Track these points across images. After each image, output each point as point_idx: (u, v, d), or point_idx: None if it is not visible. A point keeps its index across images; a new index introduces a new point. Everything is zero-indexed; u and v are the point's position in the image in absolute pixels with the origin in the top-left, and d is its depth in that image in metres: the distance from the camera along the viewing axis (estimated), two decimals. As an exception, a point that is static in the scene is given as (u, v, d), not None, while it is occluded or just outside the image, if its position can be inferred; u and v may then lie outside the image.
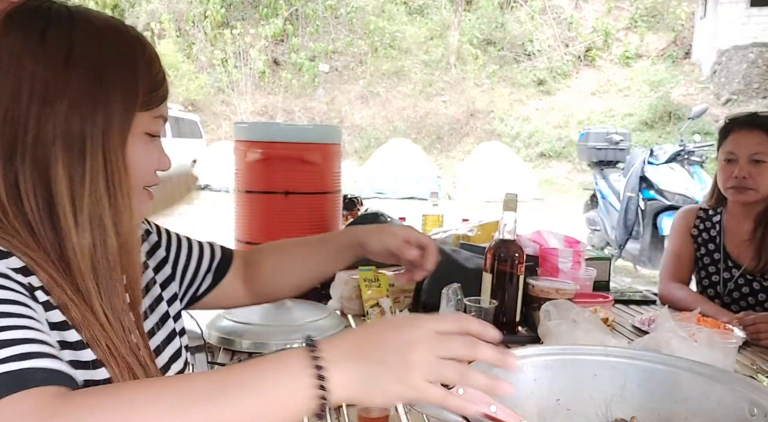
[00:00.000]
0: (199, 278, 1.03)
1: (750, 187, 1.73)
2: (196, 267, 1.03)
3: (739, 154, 1.74)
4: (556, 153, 14.11)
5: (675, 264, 1.92)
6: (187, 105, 15.68)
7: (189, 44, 17.55)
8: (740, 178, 1.74)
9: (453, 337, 0.61)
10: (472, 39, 17.08)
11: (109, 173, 0.71)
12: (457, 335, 0.61)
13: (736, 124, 1.80)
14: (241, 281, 1.08)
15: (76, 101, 0.69)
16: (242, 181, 1.90)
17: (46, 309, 0.65)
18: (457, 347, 0.60)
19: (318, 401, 0.57)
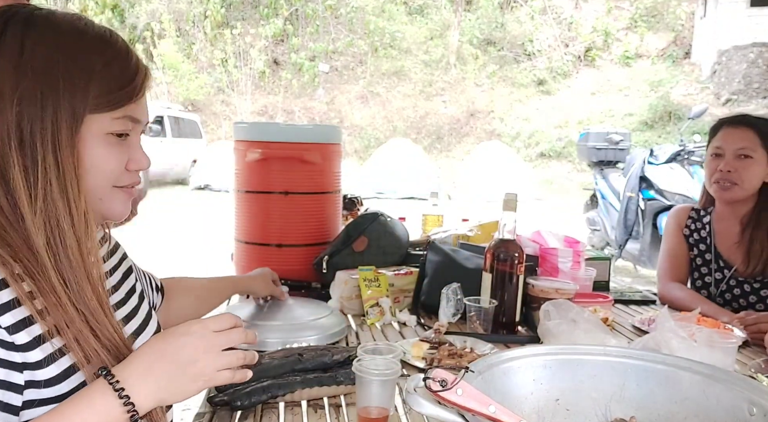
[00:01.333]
0: (152, 295, 1.15)
1: (734, 182, 1.73)
2: (146, 285, 1.12)
3: (726, 149, 1.75)
4: (556, 153, 14.11)
5: (672, 263, 1.92)
6: (187, 105, 15.69)
7: (189, 44, 17.55)
8: (725, 172, 1.74)
9: (229, 332, 0.77)
10: (472, 39, 17.08)
11: (62, 175, 0.73)
12: (230, 329, 0.78)
13: (725, 122, 1.81)
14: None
15: (26, 103, 0.71)
16: (242, 180, 1.89)
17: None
18: (236, 338, 0.77)
19: (130, 415, 0.69)
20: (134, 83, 0.79)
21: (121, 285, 0.95)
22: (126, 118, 0.79)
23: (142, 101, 0.82)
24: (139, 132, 0.84)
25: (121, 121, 0.78)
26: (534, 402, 0.84)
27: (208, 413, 1.04)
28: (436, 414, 0.66)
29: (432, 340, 1.31)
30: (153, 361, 0.72)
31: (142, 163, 0.84)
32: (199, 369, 0.73)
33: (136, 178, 0.84)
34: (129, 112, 0.79)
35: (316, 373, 1.12)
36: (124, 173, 0.82)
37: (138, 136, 0.84)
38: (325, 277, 1.75)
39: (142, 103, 0.82)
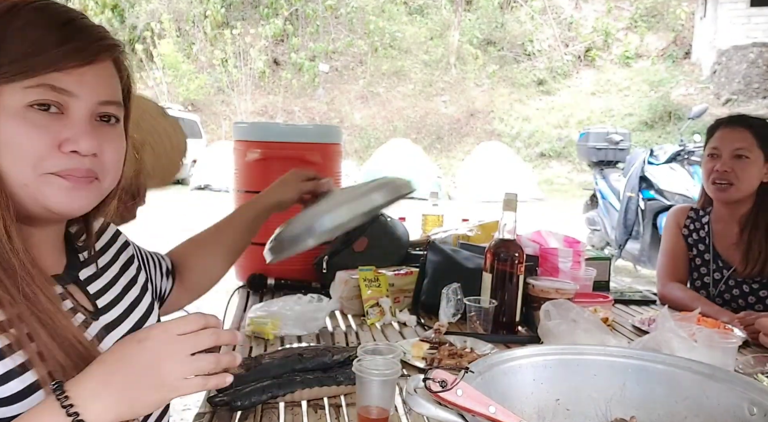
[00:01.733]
0: (159, 282, 1.09)
1: (731, 182, 1.74)
2: (154, 273, 1.07)
3: (722, 149, 1.76)
4: (556, 153, 14.10)
5: (671, 263, 1.92)
6: (187, 105, 15.69)
7: (189, 44, 17.55)
8: (722, 172, 1.74)
9: (197, 334, 0.67)
10: (472, 39, 17.08)
11: None
12: (199, 331, 0.67)
13: (722, 122, 1.82)
14: (178, 285, 1.15)
15: None
16: (242, 181, 1.89)
17: None
18: (203, 341, 0.67)
19: None
20: (63, 49, 0.70)
21: (118, 279, 0.92)
22: (44, 87, 0.69)
23: (84, 73, 0.72)
24: (85, 109, 0.73)
25: (36, 90, 0.69)
26: (534, 402, 0.84)
27: (208, 413, 1.04)
28: (436, 415, 0.66)
29: (432, 340, 1.31)
30: (109, 373, 0.64)
31: (79, 144, 0.71)
32: (160, 378, 0.64)
33: (75, 162, 0.72)
34: (50, 81, 0.69)
35: (316, 373, 1.12)
36: (54, 155, 0.71)
37: (83, 113, 0.72)
38: (325, 277, 1.75)
39: (84, 74, 0.72)
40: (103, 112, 0.76)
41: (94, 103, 0.73)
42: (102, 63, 0.75)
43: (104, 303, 0.85)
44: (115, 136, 0.78)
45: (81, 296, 0.82)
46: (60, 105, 0.71)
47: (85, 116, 0.73)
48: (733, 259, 1.80)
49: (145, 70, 16.84)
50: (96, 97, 0.74)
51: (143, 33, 17.09)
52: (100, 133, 0.74)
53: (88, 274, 0.86)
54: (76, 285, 0.83)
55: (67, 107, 0.71)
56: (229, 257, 1.19)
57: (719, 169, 1.75)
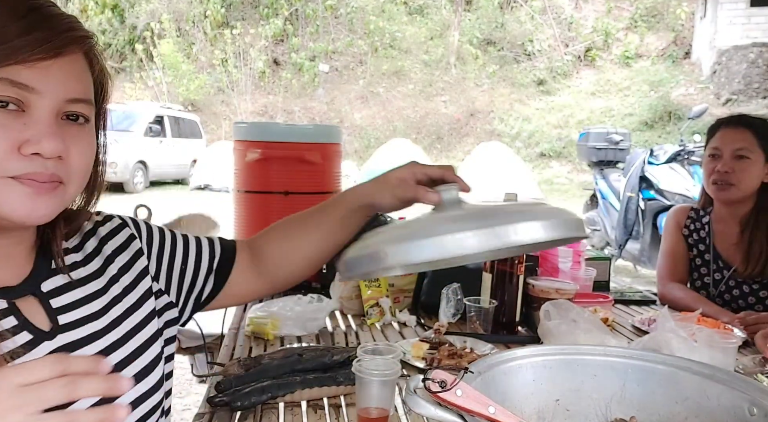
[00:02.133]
0: (200, 281, 0.91)
1: (731, 183, 1.73)
2: (194, 269, 0.90)
3: (723, 150, 1.75)
4: (556, 153, 14.10)
5: (671, 263, 1.92)
6: (187, 105, 15.69)
7: (189, 44, 17.55)
8: (722, 173, 1.74)
9: (44, 386, 0.50)
10: (472, 39, 17.08)
11: None
12: (49, 381, 0.50)
13: (723, 122, 1.81)
14: (251, 272, 0.95)
15: None
16: (242, 181, 1.90)
17: None
18: (52, 396, 0.49)
19: None
20: (24, 40, 0.63)
21: (106, 289, 0.80)
22: (2, 81, 0.62)
23: (48, 67, 0.65)
24: (48, 107, 0.65)
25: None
26: (534, 402, 0.83)
27: (208, 413, 1.03)
28: (435, 415, 0.66)
29: (432, 340, 1.31)
30: None
31: (40, 146, 0.64)
32: None
33: (38, 166, 0.65)
34: (10, 75, 0.62)
35: (316, 373, 1.12)
36: (13, 158, 0.64)
37: (46, 112, 0.65)
38: (325, 277, 1.75)
39: (48, 69, 0.65)
40: (70, 111, 0.68)
41: (60, 101, 0.66)
42: (70, 56, 0.67)
43: (70, 320, 0.74)
44: (83, 137, 0.70)
45: (37, 311, 0.72)
46: (20, 102, 0.64)
47: (49, 115, 0.65)
48: (733, 259, 1.80)
49: (145, 70, 16.84)
50: (62, 94, 0.66)
51: (143, 33, 17.09)
52: (66, 134, 0.67)
53: (55, 285, 0.75)
54: (35, 297, 0.73)
55: (29, 105, 0.64)
56: (309, 252, 0.96)
57: (720, 170, 1.75)
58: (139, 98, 15.28)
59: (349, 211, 0.93)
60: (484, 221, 0.68)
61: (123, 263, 0.83)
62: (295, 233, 0.96)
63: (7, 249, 0.72)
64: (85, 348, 0.74)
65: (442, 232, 0.67)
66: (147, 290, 0.84)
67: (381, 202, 0.90)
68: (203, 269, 0.92)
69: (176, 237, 0.92)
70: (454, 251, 0.66)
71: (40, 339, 0.70)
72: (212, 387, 1.11)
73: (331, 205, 0.96)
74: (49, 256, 0.76)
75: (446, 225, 0.70)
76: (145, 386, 0.79)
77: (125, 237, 0.85)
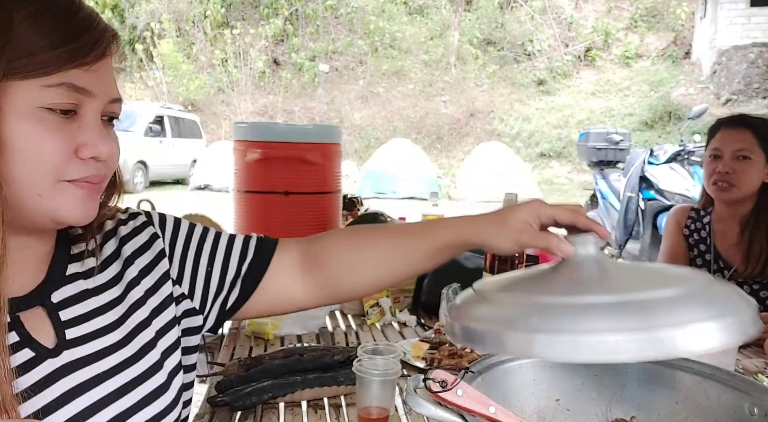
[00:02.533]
0: (226, 287, 0.81)
1: (732, 183, 1.74)
2: (221, 273, 0.80)
3: (724, 150, 1.75)
4: (556, 153, 14.10)
5: (671, 263, 1.92)
6: (187, 105, 15.69)
7: (189, 44, 17.55)
8: (723, 173, 1.74)
9: None
10: (472, 39, 17.08)
11: None
12: None
13: (723, 123, 1.82)
14: (298, 277, 0.83)
15: None
16: (242, 180, 1.90)
17: None
18: None
19: None
20: (80, 42, 0.61)
21: (121, 301, 0.74)
22: (64, 86, 0.61)
23: (99, 69, 0.64)
24: (98, 110, 0.65)
25: (57, 90, 0.61)
26: (535, 402, 0.83)
27: (208, 413, 1.03)
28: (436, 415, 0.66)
29: (432, 340, 1.31)
30: None
31: (97, 149, 0.64)
32: None
33: (92, 169, 0.65)
34: (70, 79, 0.61)
35: (316, 373, 1.12)
36: (71, 162, 0.63)
37: (96, 114, 0.65)
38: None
39: (98, 71, 0.64)
40: (111, 111, 0.68)
41: (105, 102, 0.66)
42: (111, 56, 0.67)
43: (79, 334, 0.69)
44: (115, 136, 0.70)
45: (43, 324, 0.67)
46: (76, 106, 0.63)
47: (98, 117, 0.65)
48: (734, 260, 1.80)
49: (145, 70, 16.85)
50: (108, 95, 0.66)
51: (143, 33, 17.09)
52: (109, 135, 0.68)
53: (67, 295, 0.70)
54: (43, 308, 0.68)
55: (81, 107, 0.63)
56: (381, 271, 0.82)
57: (721, 170, 1.75)
58: (139, 98, 15.29)
59: (447, 245, 0.79)
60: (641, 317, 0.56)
61: (144, 265, 0.77)
62: (368, 246, 0.83)
63: (20, 253, 0.66)
64: (93, 364, 0.68)
65: (592, 331, 0.56)
66: (168, 296, 0.77)
67: (496, 244, 0.76)
68: (230, 273, 0.81)
69: (206, 235, 0.82)
70: (605, 356, 0.56)
71: (43, 357, 0.65)
72: (212, 387, 1.11)
73: (423, 232, 0.82)
74: (65, 262, 0.72)
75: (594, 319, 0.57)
76: (160, 405, 0.71)
77: (147, 236, 0.78)
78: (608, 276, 0.66)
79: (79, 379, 0.66)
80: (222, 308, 0.81)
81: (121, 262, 0.75)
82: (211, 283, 0.80)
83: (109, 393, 0.67)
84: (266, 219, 1.86)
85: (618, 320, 0.56)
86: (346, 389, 1.10)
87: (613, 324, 0.56)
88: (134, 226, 0.78)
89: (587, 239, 0.69)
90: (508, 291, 0.68)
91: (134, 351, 0.71)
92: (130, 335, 0.72)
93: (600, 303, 0.59)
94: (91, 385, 0.67)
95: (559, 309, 0.60)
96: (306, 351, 1.19)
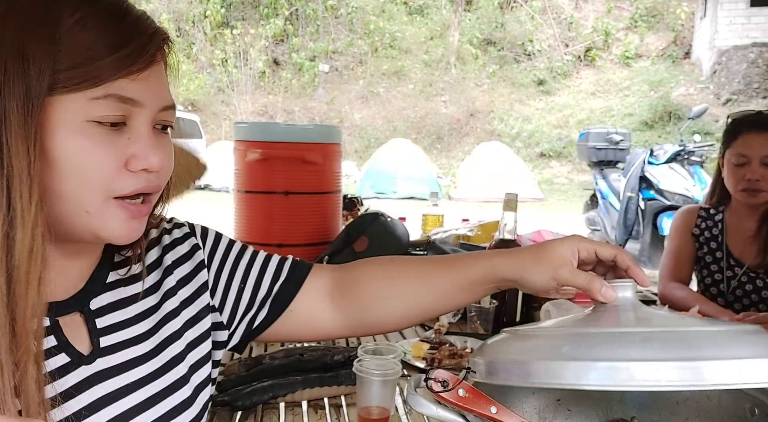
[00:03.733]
0: (256, 305, 0.79)
1: (762, 189, 1.72)
2: (252, 291, 0.79)
3: (751, 156, 1.71)
4: (556, 153, 14.11)
5: (674, 264, 1.92)
6: (187, 105, 15.69)
7: (189, 44, 17.55)
8: (754, 181, 1.71)
9: None
10: (472, 39, 17.09)
11: (8, 177, 0.54)
12: None
13: (744, 125, 1.77)
14: (328, 305, 0.81)
15: None
16: (242, 181, 1.90)
17: None
18: None
19: None
20: (126, 50, 0.58)
21: (155, 311, 0.72)
22: (111, 98, 0.58)
23: (147, 77, 0.61)
24: (148, 119, 0.62)
25: (104, 102, 0.58)
26: (535, 402, 0.84)
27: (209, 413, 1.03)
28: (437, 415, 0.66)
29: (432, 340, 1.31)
30: None
31: (148, 161, 0.61)
32: None
33: (143, 181, 0.62)
34: (117, 90, 0.58)
35: (316, 373, 1.12)
36: (121, 175, 0.61)
37: (146, 125, 0.62)
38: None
39: (147, 79, 0.61)
40: (163, 120, 0.65)
41: (155, 111, 0.63)
42: (161, 61, 0.65)
43: (111, 342, 0.68)
44: (169, 145, 0.67)
45: (80, 331, 0.66)
46: (125, 117, 0.60)
47: (148, 127, 0.62)
48: (746, 255, 1.80)
49: (145, 70, 16.84)
50: (158, 104, 0.63)
51: (143, 33, 17.10)
52: (161, 144, 0.64)
53: (105, 302, 0.69)
54: (82, 314, 0.67)
55: (130, 117, 0.61)
56: (413, 304, 0.80)
57: (751, 178, 1.71)
58: (139, 98, 15.28)
59: (482, 280, 0.76)
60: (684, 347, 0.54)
61: (183, 275, 0.76)
62: (400, 277, 0.81)
63: (64, 260, 0.65)
64: (124, 374, 0.67)
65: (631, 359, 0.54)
66: (206, 306, 0.76)
67: (533, 281, 0.72)
68: (262, 292, 0.79)
69: (244, 251, 0.81)
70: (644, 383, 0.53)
71: (78, 363, 0.64)
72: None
73: (457, 265, 0.79)
74: (107, 269, 0.70)
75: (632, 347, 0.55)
76: (184, 419, 0.71)
77: (189, 246, 0.78)
78: (648, 318, 0.64)
79: (110, 388, 0.65)
80: (249, 326, 0.79)
81: (161, 271, 0.74)
82: (242, 300, 0.78)
83: (136, 404, 0.67)
84: (266, 219, 1.86)
85: (658, 349, 0.54)
86: (347, 389, 1.10)
87: (654, 352, 0.53)
88: (178, 236, 0.78)
89: (626, 284, 0.67)
90: (540, 330, 0.65)
91: (162, 362, 0.70)
92: (160, 346, 0.71)
93: (639, 333, 0.57)
94: (120, 395, 0.66)
95: (595, 338, 0.57)
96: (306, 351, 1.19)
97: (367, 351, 1.03)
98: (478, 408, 0.63)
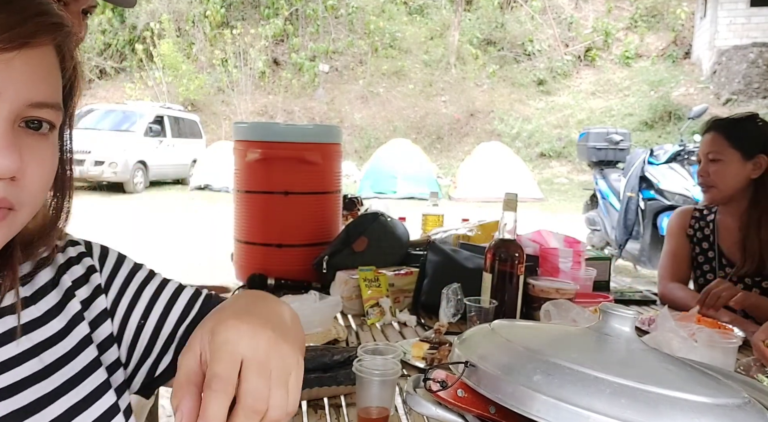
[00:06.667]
0: (156, 349, 0.68)
1: (711, 185, 1.81)
2: (153, 330, 0.68)
3: (701, 155, 1.86)
4: (556, 153, 14.11)
5: (673, 264, 1.93)
6: (187, 105, 15.69)
7: (189, 44, 17.56)
8: (701, 177, 1.84)
9: None
10: (472, 39, 17.09)
11: None
12: None
13: (706, 127, 1.90)
14: None
15: None
16: (242, 181, 1.89)
17: None
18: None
19: None
20: None
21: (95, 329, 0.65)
22: None
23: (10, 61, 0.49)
24: (5, 112, 0.50)
25: None
26: (534, 402, 0.83)
27: (209, 413, 1.03)
28: (436, 415, 0.66)
29: (432, 340, 1.31)
30: None
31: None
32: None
33: None
34: None
35: (316, 373, 1.12)
36: None
37: (1, 118, 0.49)
38: (325, 277, 1.75)
39: (9, 63, 0.49)
40: (32, 117, 0.52)
41: (20, 105, 0.50)
42: (39, 48, 0.51)
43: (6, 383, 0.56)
44: (44, 151, 0.53)
45: None
46: None
47: (4, 122, 0.49)
48: (736, 256, 1.82)
49: (145, 70, 16.85)
50: (25, 96, 0.50)
51: (143, 33, 17.10)
52: (23, 146, 0.51)
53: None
54: None
55: None
56: None
57: (700, 174, 1.85)
58: (139, 98, 15.29)
59: None
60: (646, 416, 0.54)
61: (83, 298, 0.65)
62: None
63: None
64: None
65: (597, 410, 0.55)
66: (108, 337, 0.66)
67: None
68: (164, 333, 0.67)
69: (150, 280, 0.70)
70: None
71: None
72: (212, 387, 1.11)
73: None
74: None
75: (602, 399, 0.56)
76: None
77: (84, 268, 0.66)
78: (633, 362, 0.63)
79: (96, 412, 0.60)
80: (150, 374, 0.68)
81: (61, 292, 0.64)
82: (140, 340, 0.67)
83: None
84: (266, 219, 1.86)
85: (623, 408, 0.54)
86: (346, 389, 1.10)
87: (617, 410, 0.53)
88: (72, 255, 0.67)
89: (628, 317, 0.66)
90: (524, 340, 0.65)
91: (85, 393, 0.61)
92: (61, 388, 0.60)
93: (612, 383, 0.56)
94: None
95: (569, 375, 0.57)
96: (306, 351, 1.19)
97: (366, 351, 1.03)
98: (477, 407, 0.63)
